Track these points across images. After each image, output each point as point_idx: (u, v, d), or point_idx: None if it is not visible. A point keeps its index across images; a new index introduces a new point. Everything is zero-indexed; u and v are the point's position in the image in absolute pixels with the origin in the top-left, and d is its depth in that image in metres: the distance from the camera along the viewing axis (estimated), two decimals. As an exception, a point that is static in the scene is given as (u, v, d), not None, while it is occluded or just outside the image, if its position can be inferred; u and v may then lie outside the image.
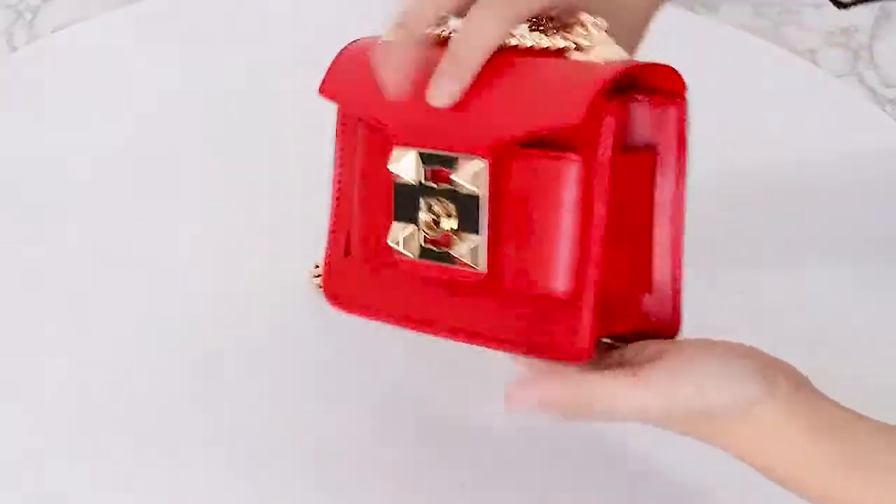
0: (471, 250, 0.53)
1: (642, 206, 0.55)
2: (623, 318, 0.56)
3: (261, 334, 0.71)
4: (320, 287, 0.73)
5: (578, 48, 0.53)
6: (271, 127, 0.85)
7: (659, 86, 0.55)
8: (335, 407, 0.66)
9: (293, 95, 0.88)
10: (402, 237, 0.54)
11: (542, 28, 0.56)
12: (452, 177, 0.52)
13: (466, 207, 0.52)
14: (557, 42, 0.53)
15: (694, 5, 1.41)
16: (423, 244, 0.54)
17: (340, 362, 0.63)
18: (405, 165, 0.53)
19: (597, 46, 0.53)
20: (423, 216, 0.54)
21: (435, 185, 0.53)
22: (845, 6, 0.71)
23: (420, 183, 0.53)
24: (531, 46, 0.53)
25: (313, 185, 0.80)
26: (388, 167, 0.54)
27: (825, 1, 0.71)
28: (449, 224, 0.53)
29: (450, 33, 0.54)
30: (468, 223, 0.53)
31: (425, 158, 0.53)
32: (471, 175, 0.52)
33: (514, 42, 0.53)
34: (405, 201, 0.54)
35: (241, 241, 0.77)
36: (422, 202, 0.53)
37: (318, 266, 0.73)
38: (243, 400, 0.68)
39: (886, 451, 0.53)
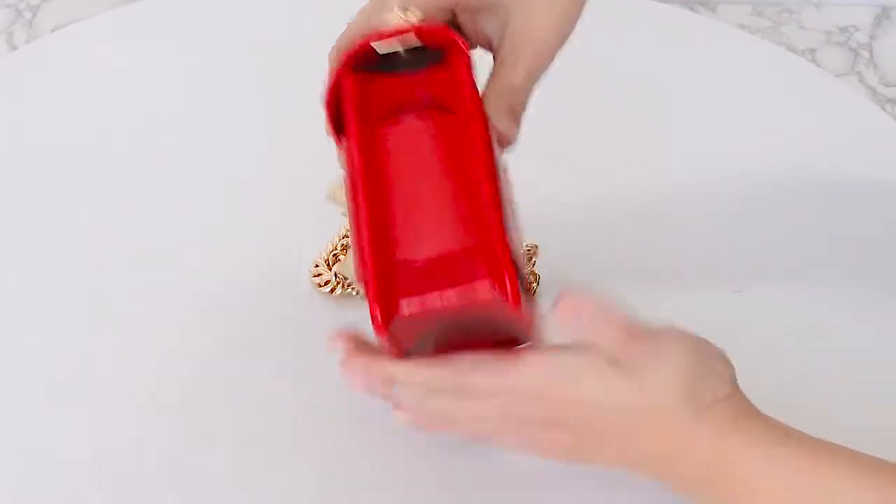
0: None
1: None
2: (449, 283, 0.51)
3: (260, 334, 0.71)
4: (320, 287, 0.73)
5: None
6: (272, 126, 0.85)
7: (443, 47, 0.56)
8: (335, 406, 0.66)
9: (294, 94, 0.88)
10: None
11: None
12: None
13: None
14: None
15: (693, 4, 1.41)
16: None
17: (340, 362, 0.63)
18: None
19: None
20: None
21: None
22: None
23: None
24: None
25: (314, 185, 0.80)
26: None
27: (825, 0, 0.71)
28: None
29: None
30: None
31: None
32: None
33: None
34: None
35: (241, 240, 0.77)
36: None
37: (317, 266, 0.73)
38: (242, 400, 0.68)
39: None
